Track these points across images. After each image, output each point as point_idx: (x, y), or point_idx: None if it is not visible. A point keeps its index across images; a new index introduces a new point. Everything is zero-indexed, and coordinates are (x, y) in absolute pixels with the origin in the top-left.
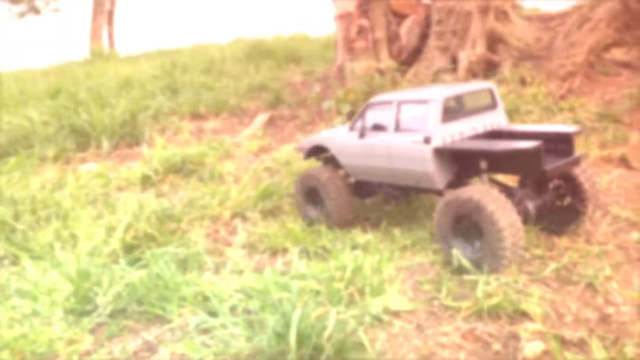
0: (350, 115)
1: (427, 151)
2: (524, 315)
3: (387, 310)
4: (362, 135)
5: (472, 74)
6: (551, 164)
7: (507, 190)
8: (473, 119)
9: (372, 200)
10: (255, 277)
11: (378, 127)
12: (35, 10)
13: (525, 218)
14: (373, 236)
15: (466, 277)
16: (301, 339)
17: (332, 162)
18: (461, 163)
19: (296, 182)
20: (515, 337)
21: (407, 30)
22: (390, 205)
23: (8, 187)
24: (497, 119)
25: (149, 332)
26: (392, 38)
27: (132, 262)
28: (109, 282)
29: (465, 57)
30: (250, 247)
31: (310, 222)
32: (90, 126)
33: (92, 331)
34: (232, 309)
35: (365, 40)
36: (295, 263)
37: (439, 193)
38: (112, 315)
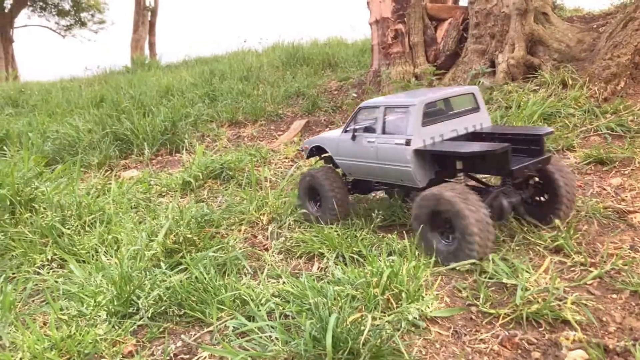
0: None
1: (408, 152)
2: (565, 322)
3: (423, 317)
4: (353, 137)
5: (511, 77)
6: (518, 164)
7: (484, 188)
8: (454, 122)
9: (408, 206)
10: (292, 282)
11: (368, 129)
12: (81, 23)
13: (501, 214)
14: (410, 242)
15: (505, 280)
16: (337, 343)
17: (332, 161)
18: (441, 163)
19: (299, 181)
20: (555, 345)
21: (444, 34)
22: None
23: (55, 193)
24: (479, 121)
25: (189, 334)
26: (429, 42)
27: (173, 266)
28: (151, 285)
29: (503, 60)
30: (287, 252)
31: (313, 220)
32: (133, 134)
33: (134, 333)
34: (270, 313)
35: (401, 45)
36: (331, 268)
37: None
38: (153, 317)
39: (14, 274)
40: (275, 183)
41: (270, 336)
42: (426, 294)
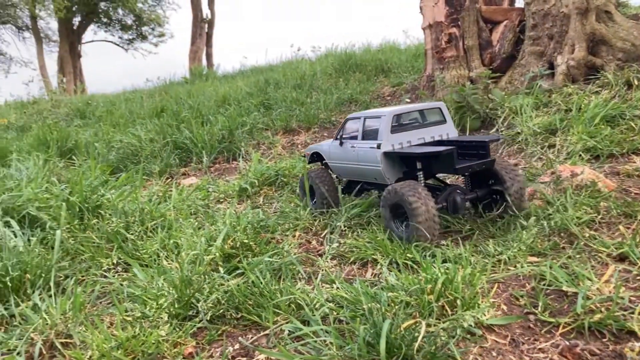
0: None
1: (378, 154)
2: (631, 333)
3: (479, 324)
4: (341, 143)
5: (571, 78)
6: (462, 164)
7: (442, 186)
8: (422, 131)
9: (464, 213)
10: (346, 288)
11: (352, 137)
12: (142, 37)
13: (455, 208)
14: (465, 249)
15: (565, 288)
16: (391, 349)
17: (328, 166)
18: (407, 164)
19: (299, 180)
20: (620, 356)
21: (500, 37)
22: (483, 217)
23: (120, 200)
24: (446, 131)
25: (246, 337)
26: (484, 45)
27: (230, 271)
28: (209, 289)
29: (563, 61)
30: (341, 258)
31: (313, 210)
32: (192, 142)
33: (194, 335)
34: (324, 318)
35: (455, 49)
36: (385, 274)
37: None
38: (212, 320)
39: (83, 276)
40: None
41: (325, 340)
42: (482, 302)
